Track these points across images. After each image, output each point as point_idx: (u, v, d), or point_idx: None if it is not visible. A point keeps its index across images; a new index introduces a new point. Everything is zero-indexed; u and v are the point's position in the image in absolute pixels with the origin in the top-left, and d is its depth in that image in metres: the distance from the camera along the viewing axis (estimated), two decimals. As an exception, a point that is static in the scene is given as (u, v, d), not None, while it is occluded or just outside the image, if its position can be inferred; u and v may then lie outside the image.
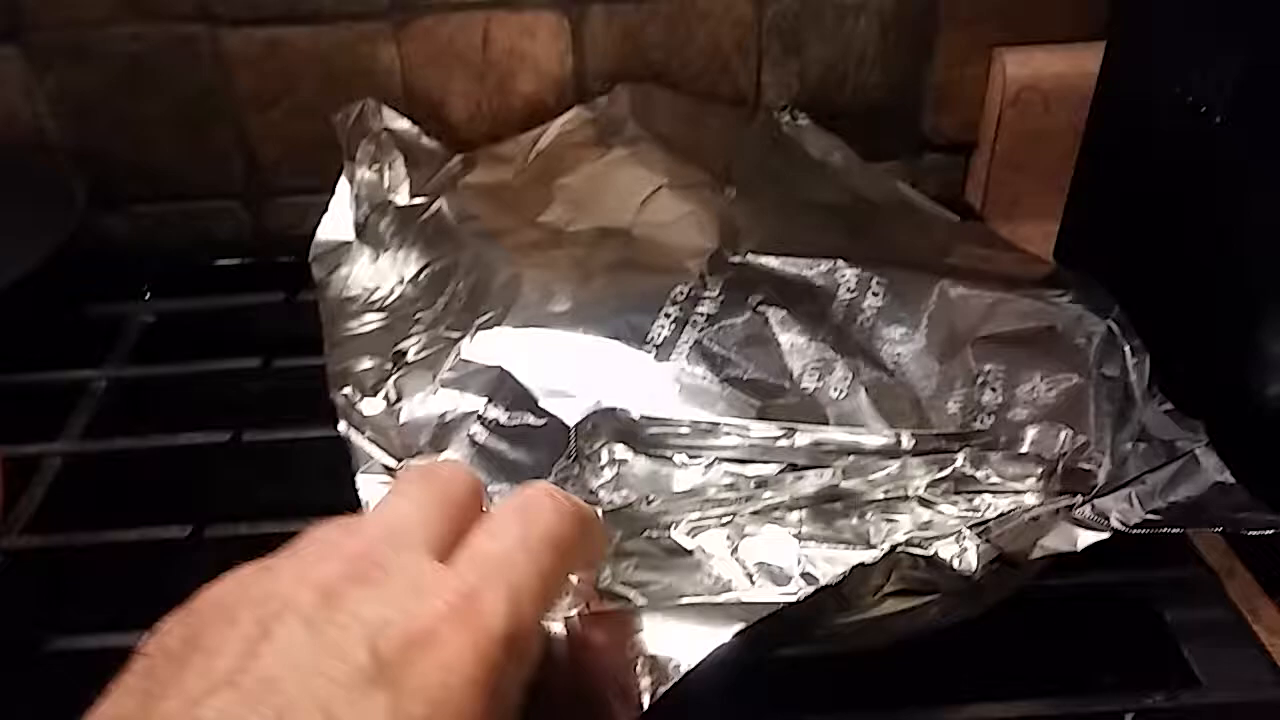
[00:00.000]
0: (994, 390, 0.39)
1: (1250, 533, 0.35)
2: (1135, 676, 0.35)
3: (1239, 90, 0.40)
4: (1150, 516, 0.35)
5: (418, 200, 0.52)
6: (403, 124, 0.55)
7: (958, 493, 0.36)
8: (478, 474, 0.33)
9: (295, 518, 0.29)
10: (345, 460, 0.40)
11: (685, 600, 0.33)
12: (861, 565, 0.33)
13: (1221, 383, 0.42)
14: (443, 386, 0.41)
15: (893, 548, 0.34)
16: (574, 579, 0.32)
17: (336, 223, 0.52)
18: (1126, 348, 0.41)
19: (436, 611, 0.25)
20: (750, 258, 0.45)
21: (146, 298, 0.55)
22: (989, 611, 0.34)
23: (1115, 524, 0.35)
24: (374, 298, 0.48)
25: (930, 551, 0.34)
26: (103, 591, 0.40)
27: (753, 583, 0.34)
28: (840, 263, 0.44)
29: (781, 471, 0.36)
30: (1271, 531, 0.34)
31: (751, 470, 0.36)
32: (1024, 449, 0.37)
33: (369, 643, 0.24)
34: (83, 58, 0.55)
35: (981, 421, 0.38)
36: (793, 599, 0.32)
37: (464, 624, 0.25)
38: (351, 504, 0.37)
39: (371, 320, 0.47)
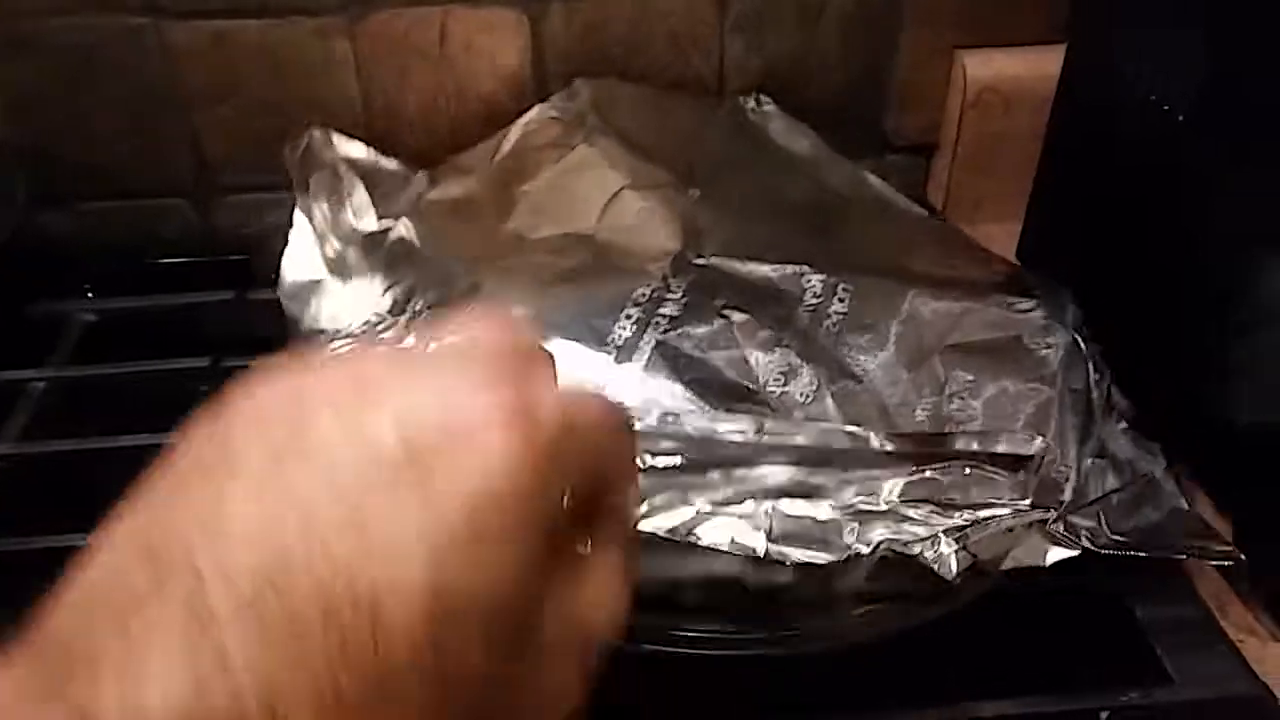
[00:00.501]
0: (962, 400, 0.39)
1: (1209, 562, 0.36)
2: (1108, 674, 0.34)
3: (1201, 88, 0.40)
4: (1117, 538, 0.35)
5: (383, 224, 0.51)
6: (358, 150, 0.53)
7: (929, 500, 0.36)
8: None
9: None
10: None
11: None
12: (846, 559, 0.33)
13: (1184, 386, 0.42)
14: None
15: (875, 546, 0.34)
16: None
17: (300, 259, 0.50)
18: (1089, 363, 0.41)
19: (482, 405, 0.22)
20: (714, 260, 0.44)
21: (89, 296, 0.53)
22: (962, 610, 0.34)
23: (1085, 543, 0.35)
24: (341, 327, 0.47)
25: (913, 553, 0.34)
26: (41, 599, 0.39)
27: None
28: (806, 268, 0.43)
29: (749, 468, 0.36)
30: (1229, 563, 0.35)
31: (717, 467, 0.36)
32: (996, 456, 0.37)
33: (401, 432, 0.21)
34: (22, 50, 0.53)
35: (950, 430, 0.38)
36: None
37: (511, 425, 0.22)
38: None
39: (342, 348, 0.45)
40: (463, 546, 0.21)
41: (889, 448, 0.36)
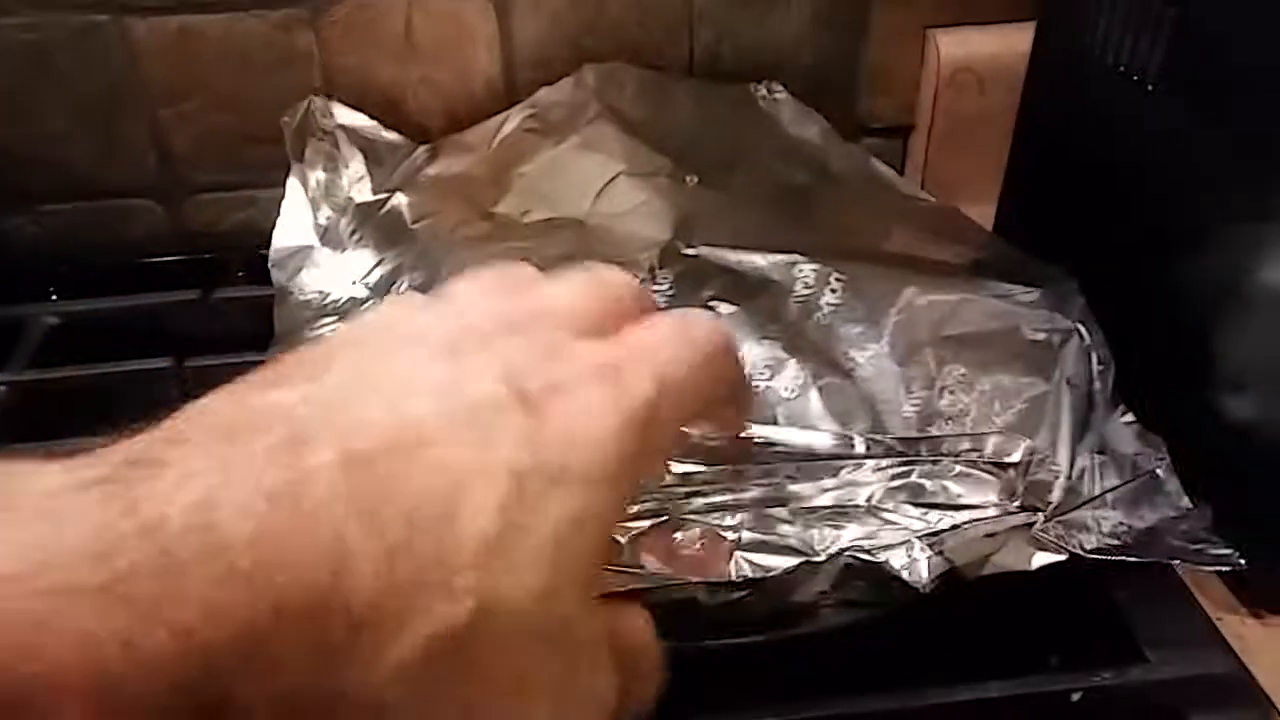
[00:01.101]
0: (953, 394, 0.38)
1: (1205, 569, 0.35)
2: (1082, 655, 0.34)
3: (1169, 56, 0.40)
4: (1110, 542, 0.34)
5: (378, 196, 0.50)
6: (358, 119, 0.53)
7: (911, 503, 0.35)
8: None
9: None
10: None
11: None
12: (805, 564, 0.32)
13: (1167, 356, 0.41)
14: None
15: (839, 552, 0.33)
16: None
17: (292, 226, 0.50)
18: (1093, 355, 0.40)
19: (579, 370, 0.24)
20: (704, 250, 0.43)
21: (53, 299, 0.52)
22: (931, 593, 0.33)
23: (1074, 548, 0.34)
24: (328, 301, 0.46)
25: (880, 560, 0.33)
26: None
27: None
28: (798, 256, 0.42)
29: (725, 472, 0.35)
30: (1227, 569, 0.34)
31: (693, 468, 0.34)
32: (982, 459, 0.36)
33: (508, 379, 0.23)
34: (-20, 50, 0.53)
35: (939, 427, 0.37)
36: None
37: (606, 384, 0.23)
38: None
39: (323, 326, 0.45)
40: (547, 477, 0.22)
41: (870, 450, 0.35)
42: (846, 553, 0.33)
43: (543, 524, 0.21)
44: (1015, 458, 0.36)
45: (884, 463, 0.35)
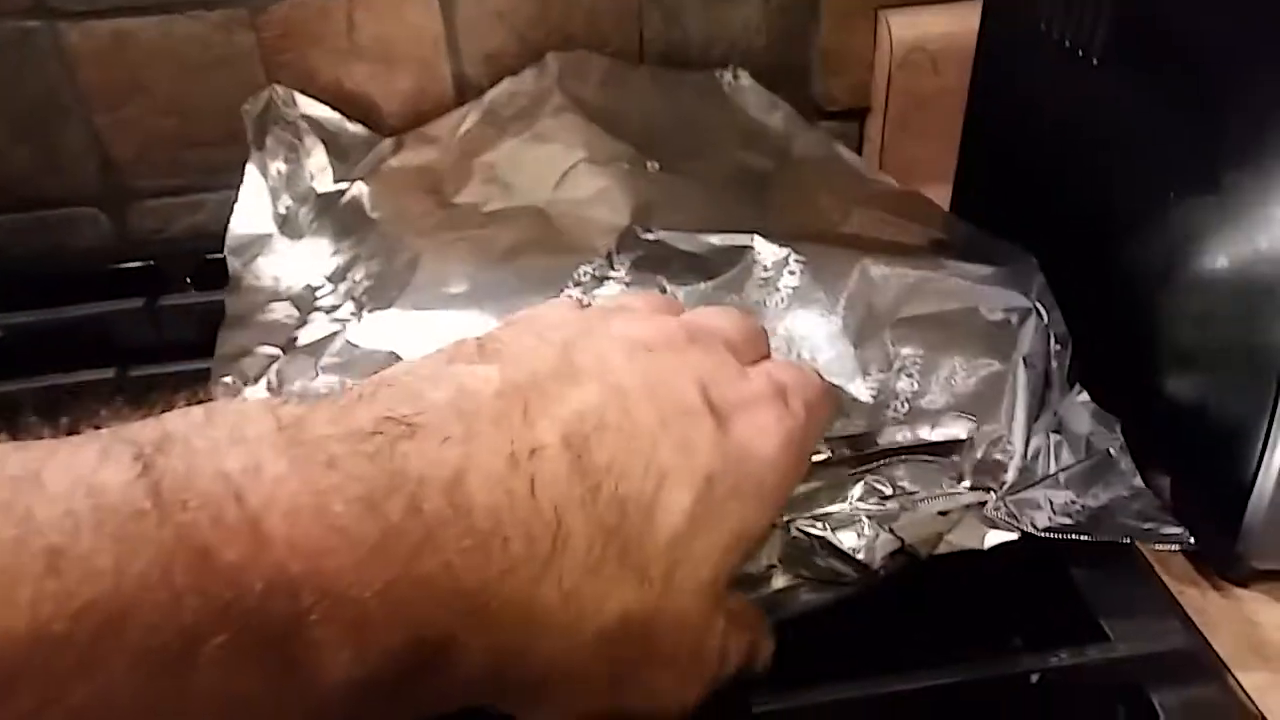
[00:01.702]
0: (910, 376, 0.38)
1: (1156, 546, 0.35)
2: (1041, 635, 0.33)
3: (1111, 28, 0.39)
4: (1062, 520, 0.34)
5: (338, 186, 0.50)
6: (321, 110, 0.53)
7: (863, 483, 0.35)
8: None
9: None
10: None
11: None
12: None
13: (1121, 333, 0.41)
14: (323, 372, 0.39)
15: (787, 522, 0.32)
16: None
17: (250, 214, 0.49)
18: (1051, 335, 0.39)
19: (757, 390, 0.26)
20: (664, 234, 0.43)
21: (-3, 311, 0.51)
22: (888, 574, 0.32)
23: (1026, 526, 0.34)
24: (281, 288, 0.46)
25: (829, 536, 0.32)
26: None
27: None
28: (757, 238, 0.42)
29: None
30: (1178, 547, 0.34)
31: None
32: (934, 439, 0.36)
33: (700, 386, 0.25)
34: (-91, 62, 0.52)
35: (895, 409, 0.37)
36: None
37: (777, 407, 0.26)
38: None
39: (274, 311, 0.45)
40: (731, 482, 0.25)
41: (821, 454, 0.34)
42: (795, 524, 0.33)
43: (719, 529, 0.24)
44: (967, 438, 0.36)
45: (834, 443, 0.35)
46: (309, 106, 0.53)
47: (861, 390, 0.37)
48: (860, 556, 0.32)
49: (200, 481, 0.19)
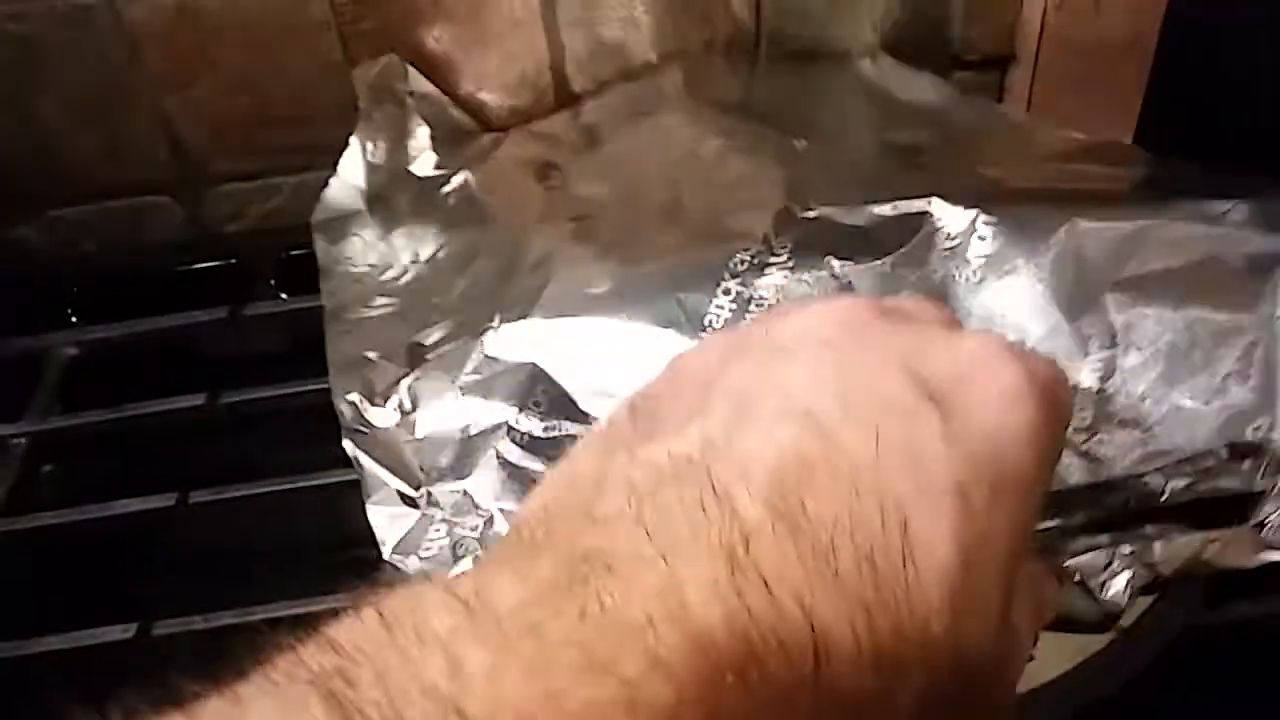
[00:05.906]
0: (1139, 351, 0.32)
1: None
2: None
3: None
4: None
5: (440, 170, 0.46)
6: (430, 88, 0.48)
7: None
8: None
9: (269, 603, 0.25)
10: (328, 505, 0.34)
11: None
12: None
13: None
14: (464, 393, 0.35)
15: None
16: None
17: (346, 187, 0.46)
18: None
19: (971, 346, 0.22)
20: (825, 210, 0.37)
21: (71, 320, 0.48)
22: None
23: None
24: (384, 278, 0.42)
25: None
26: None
27: None
28: (935, 201, 0.36)
29: None
30: None
31: None
32: (1200, 449, 0.30)
33: (906, 371, 0.21)
34: (-41, 46, 0.47)
35: (1127, 396, 0.31)
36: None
37: (1003, 361, 0.22)
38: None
39: (381, 305, 0.41)
40: (987, 483, 0.20)
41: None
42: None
43: (994, 545, 0.20)
44: (1247, 439, 0.31)
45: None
46: (418, 82, 0.48)
47: (1085, 374, 0.32)
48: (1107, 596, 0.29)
49: (411, 711, 0.16)
